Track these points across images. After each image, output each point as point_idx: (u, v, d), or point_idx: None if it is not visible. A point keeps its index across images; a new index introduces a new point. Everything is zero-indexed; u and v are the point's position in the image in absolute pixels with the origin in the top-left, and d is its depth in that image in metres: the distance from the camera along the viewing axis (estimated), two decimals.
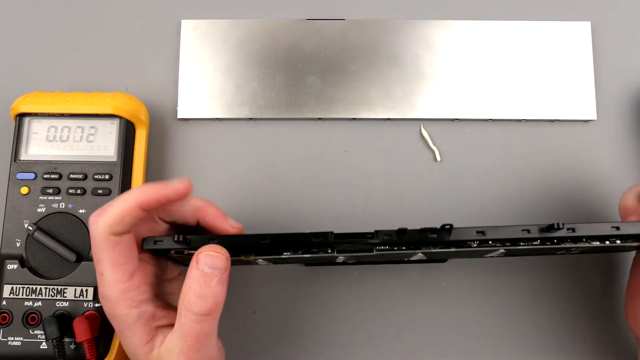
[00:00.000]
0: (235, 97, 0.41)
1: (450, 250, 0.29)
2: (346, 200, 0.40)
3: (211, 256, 0.28)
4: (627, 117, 0.42)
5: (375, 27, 0.42)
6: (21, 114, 0.37)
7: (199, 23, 0.42)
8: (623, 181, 0.40)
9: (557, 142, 0.41)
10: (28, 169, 0.37)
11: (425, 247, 0.29)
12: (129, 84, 0.42)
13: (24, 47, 0.43)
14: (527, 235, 0.28)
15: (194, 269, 0.28)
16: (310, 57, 0.41)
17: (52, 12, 0.43)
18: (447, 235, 0.28)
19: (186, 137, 0.41)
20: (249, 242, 0.29)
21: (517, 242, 0.29)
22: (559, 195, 0.40)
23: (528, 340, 0.38)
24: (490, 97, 0.41)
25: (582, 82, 0.41)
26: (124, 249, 0.29)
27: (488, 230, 0.28)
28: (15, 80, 0.42)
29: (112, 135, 0.37)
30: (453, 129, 0.41)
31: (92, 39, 0.43)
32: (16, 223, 0.36)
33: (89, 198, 0.36)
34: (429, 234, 0.28)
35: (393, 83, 0.41)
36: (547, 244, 0.29)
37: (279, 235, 0.28)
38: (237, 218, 0.40)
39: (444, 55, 0.42)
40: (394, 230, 0.28)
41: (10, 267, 0.35)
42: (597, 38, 0.42)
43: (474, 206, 0.40)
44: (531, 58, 0.42)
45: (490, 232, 0.28)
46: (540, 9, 0.43)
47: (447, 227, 0.28)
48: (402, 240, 0.28)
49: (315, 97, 0.41)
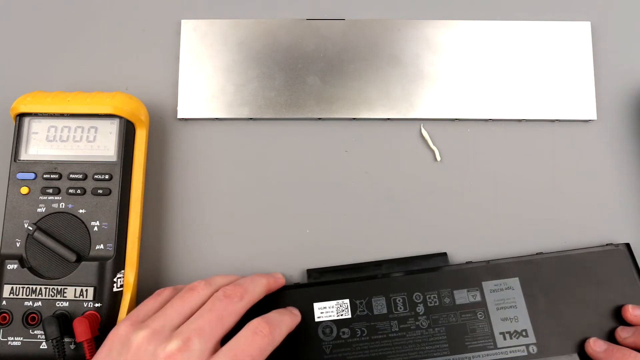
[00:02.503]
0: (235, 97, 0.41)
1: None
2: (346, 201, 0.40)
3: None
4: (627, 117, 0.42)
5: (375, 27, 0.42)
6: (21, 114, 0.37)
7: (199, 23, 0.42)
8: (623, 181, 0.40)
9: (557, 142, 0.41)
10: (28, 169, 0.37)
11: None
12: (129, 84, 0.42)
13: (24, 47, 0.43)
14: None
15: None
16: (310, 57, 0.41)
17: (52, 12, 0.43)
18: None
19: (186, 137, 0.41)
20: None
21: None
22: (558, 195, 0.40)
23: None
24: (490, 97, 0.41)
25: (582, 82, 0.41)
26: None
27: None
28: (15, 80, 0.42)
29: (112, 135, 0.37)
30: (453, 129, 0.41)
31: (92, 39, 0.43)
32: (16, 223, 0.36)
33: (89, 198, 0.36)
34: None
35: (393, 83, 0.41)
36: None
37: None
38: (237, 218, 0.40)
39: (444, 55, 0.42)
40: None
41: (10, 267, 0.35)
42: (597, 38, 0.43)
43: (474, 206, 0.40)
44: (531, 58, 0.42)
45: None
46: (540, 9, 0.43)
47: None
48: None
49: (315, 97, 0.41)
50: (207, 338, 0.29)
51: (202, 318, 0.30)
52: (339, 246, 0.39)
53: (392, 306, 0.36)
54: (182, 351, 0.28)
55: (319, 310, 0.36)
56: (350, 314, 0.36)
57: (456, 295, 0.36)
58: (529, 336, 0.35)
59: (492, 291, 0.36)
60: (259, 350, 0.30)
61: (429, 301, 0.36)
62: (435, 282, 0.37)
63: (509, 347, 0.35)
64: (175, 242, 0.39)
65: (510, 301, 0.36)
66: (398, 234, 0.40)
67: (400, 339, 0.35)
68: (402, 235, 0.39)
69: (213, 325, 0.30)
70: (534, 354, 0.35)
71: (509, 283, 0.36)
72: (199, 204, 0.40)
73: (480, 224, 0.40)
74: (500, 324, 0.35)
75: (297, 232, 0.40)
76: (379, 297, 0.36)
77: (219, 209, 0.40)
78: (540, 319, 0.35)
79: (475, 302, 0.36)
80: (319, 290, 0.37)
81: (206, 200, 0.40)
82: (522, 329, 0.35)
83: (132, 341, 0.29)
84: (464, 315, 0.36)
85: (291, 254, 0.39)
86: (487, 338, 0.35)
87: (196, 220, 0.40)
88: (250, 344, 0.30)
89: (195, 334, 0.29)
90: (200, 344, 0.29)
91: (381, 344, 0.35)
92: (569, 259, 0.37)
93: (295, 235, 0.40)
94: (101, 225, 0.36)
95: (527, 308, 0.36)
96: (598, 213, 0.40)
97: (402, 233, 0.40)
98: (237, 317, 0.32)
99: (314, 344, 0.35)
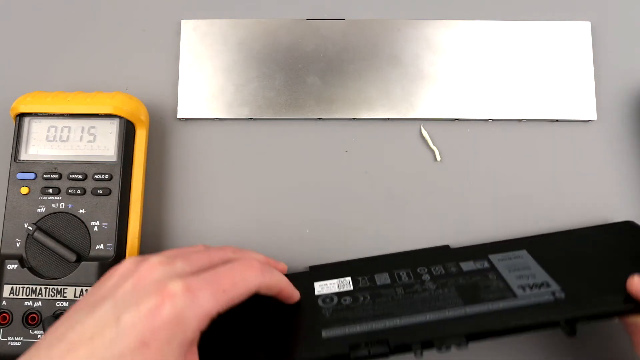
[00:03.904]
0: (235, 97, 0.41)
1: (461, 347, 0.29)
2: (346, 201, 0.40)
3: None
4: (627, 117, 0.42)
5: (375, 27, 0.42)
6: (21, 114, 0.37)
7: (199, 23, 0.42)
8: (623, 181, 0.40)
9: (557, 142, 0.41)
10: (28, 169, 0.37)
11: (438, 349, 0.29)
12: (129, 84, 0.42)
13: (24, 47, 0.43)
14: (541, 326, 0.28)
15: None
16: (310, 57, 0.41)
17: (52, 12, 0.43)
18: (459, 340, 0.28)
19: (186, 137, 0.41)
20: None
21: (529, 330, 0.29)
22: (558, 195, 0.40)
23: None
24: (490, 97, 0.41)
25: (582, 82, 0.41)
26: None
27: (503, 331, 0.28)
28: (15, 80, 0.42)
29: (112, 135, 0.37)
30: (453, 129, 0.41)
31: (92, 39, 0.43)
32: (16, 223, 0.36)
33: (89, 198, 0.36)
34: (445, 341, 0.28)
35: (393, 83, 0.41)
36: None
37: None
38: (237, 219, 0.40)
39: (444, 55, 0.42)
40: (409, 344, 0.28)
41: (10, 267, 0.35)
42: (597, 38, 0.42)
43: (474, 206, 0.40)
44: (531, 58, 0.42)
45: (504, 331, 0.28)
46: (540, 9, 0.43)
47: (462, 340, 0.28)
48: (415, 350, 0.28)
49: (315, 97, 0.41)
50: (213, 294, 0.26)
51: (217, 273, 0.28)
52: (339, 246, 0.39)
53: (395, 278, 0.34)
54: (182, 296, 0.25)
55: (319, 287, 0.34)
56: (352, 286, 0.34)
57: (463, 265, 0.34)
58: (551, 286, 0.31)
59: (501, 260, 0.34)
60: (243, 279, 0.28)
61: (434, 272, 0.34)
62: (440, 258, 0.35)
63: (532, 295, 0.30)
64: (175, 242, 0.39)
65: (522, 264, 0.33)
66: (398, 234, 0.39)
67: (406, 299, 0.32)
68: (402, 235, 0.39)
69: (222, 285, 0.27)
70: (562, 299, 0.30)
71: (517, 254, 0.34)
72: (199, 204, 0.40)
73: (480, 224, 0.40)
74: (516, 280, 0.32)
75: (297, 232, 0.40)
76: (381, 273, 0.35)
77: (219, 209, 0.40)
78: (560, 274, 0.31)
79: (484, 268, 0.33)
80: (319, 274, 0.36)
81: (206, 200, 0.40)
82: (542, 281, 0.31)
83: (141, 266, 0.27)
84: (474, 278, 0.33)
85: (291, 254, 0.39)
86: (505, 291, 0.31)
87: (196, 221, 0.40)
88: (236, 270, 0.28)
89: (203, 284, 0.26)
90: (203, 297, 0.26)
91: (386, 305, 0.32)
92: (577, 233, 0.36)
93: (295, 235, 0.39)
94: (101, 225, 0.36)
95: (542, 268, 0.32)
96: (598, 213, 0.40)
97: (402, 233, 0.40)
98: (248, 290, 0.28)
99: (313, 311, 0.32)
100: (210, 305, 0.26)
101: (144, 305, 0.25)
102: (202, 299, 0.26)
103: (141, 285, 0.26)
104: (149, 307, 0.25)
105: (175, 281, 0.26)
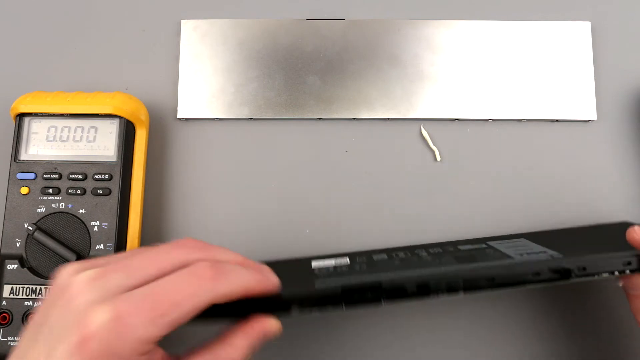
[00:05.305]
0: (235, 97, 0.41)
1: (458, 294, 0.29)
2: (346, 200, 0.40)
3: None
4: (627, 117, 0.42)
5: (375, 27, 0.42)
6: (21, 114, 0.37)
7: (199, 23, 0.42)
8: (623, 181, 0.40)
9: (557, 142, 0.41)
10: (28, 169, 0.37)
11: (435, 294, 0.29)
12: (129, 84, 0.42)
13: (24, 47, 0.43)
14: (538, 277, 0.28)
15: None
16: (310, 57, 0.41)
17: (52, 12, 0.43)
18: (455, 286, 0.28)
19: (186, 137, 0.41)
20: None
21: (525, 283, 0.29)
22: (558, 195, 0.40)
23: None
24: (490, 97, 0.41)
25: (582, 82, 0.41)
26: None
27: (498, 277, 0.28)
28: (15, 80, 0.42)
29: (112, 135, 0.37)
30: (453, 129, 0.41)
31: (92, 39, 0.43)
32: (16, 223, 0.36)
33: (89, 198, 0.36)
34: (441, 282, 0.28)
35: (393, 83, 0.41)
36: (555, 281, 0.29)
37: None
38: (237, 219, 0.40)
39: (444, 55, 0.42)
40: (404, 285, 0.28)
41: (10, 267, 0.35)
42: (597, 38, 0.42)
43: (474, 206, 0.40)
44: (531, 58, 0.42)
45: (500, 278, 0.28)
46: (540, 9, 0.43)
47: (459, 282, 0.28)
48: (411, 295, 0.28)
49: (315, 97, 0.41)
50: (149, 320, 0.23)
51: (154, 292, 0.24)
52: (339, 246, 0.39)
53: (393, 256, 0.33)
54: (109, 328, 0.23)
55: (315, 263, 0.33)
56: (349, 262, 0.33)
57: (461, 247, 0.34)
58: (548, 252, 0.31)
59: (499, 243, 0.34)
60: (189, 296, 0.24)
61: (432, 251, 0.34)
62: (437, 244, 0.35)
63: (529, 256, 0.30)
64: None
65: (521, 244, 0.33)
66: (398, 234, 0.39)
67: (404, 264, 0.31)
68: (402, 235, 0.39)
69: (159, 307, 0.24)
70: (560, 257, 0.29)
71: (515, 240, 0.34)
72: (199, 204, 0.40)
73: (480, 224, 0.40)
74: (514, 250, 0.32)
75: (297, 232, 0.40)
76: (380, 253, 0.34)
77: (219, 209, 0.40)
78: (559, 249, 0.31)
79: (482, 248, 0.33)
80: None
81: (206, 200, 0.40)
82: (540, 250, 0.31)
83: (71, 284, 0.24)
84: (472, 252, 0.33)
85: (291, 254, 0.39)
86: (502, 256, 0.31)
87: (196, 220, 0.40)
88: (179, 284, 0.24)
89: (135, 309, 0.23)
90: (135, 325, 0.23)
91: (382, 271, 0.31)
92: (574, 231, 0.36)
93: (295, 235, 0.39)
94: (101, 225, 0.36)
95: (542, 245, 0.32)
96: (598, 213, 0.40)
97: (402, 233, 0.40)
98: (196, 307, 0.24)
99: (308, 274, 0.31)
100: (147, 333, 0.23)
101: (71, 339, 0.23)
102: (134, 328, 0.23)
103: (68, 312, 0.24)
104: (76, 341, 0.23)
105: (100, 309, 0.23)
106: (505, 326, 0.38)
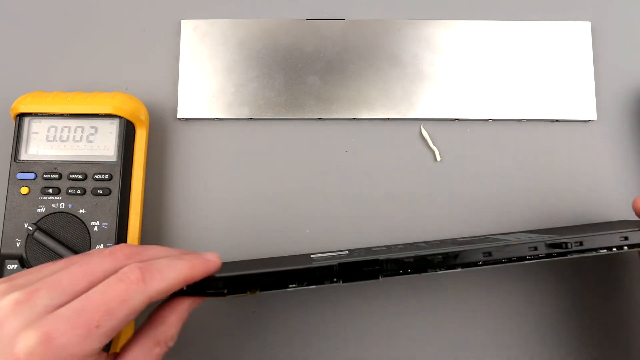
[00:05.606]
0: (235, 97, 0.41)
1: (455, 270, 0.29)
2: (346, 200, 0.40)
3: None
4: (627, 117, 0.42)
5: (375, 27, 0.42)
6: (21, 114, 0.37)
7: (199, 23, 0.42)
8: (623, 181, 0.40)
9: (557, 142, 0.41)
10: (28, 169, 0.37)
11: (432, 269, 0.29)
12: (129, 84, 0.42)
13: (24, 47, 0.43)
14: (534, 252, 0.28)
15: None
16: (310, 57, 0.41)
17: (52, 12, 0.43)
18: (453, 260, 0.28)
19: (186, 137, 0.41)
20: (250, 281, 0.28)
21: (523, 258, 0.29)
22: (558, 195, 0.40)
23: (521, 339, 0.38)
24: (490, 97, 0.41)
25: (582, 82, 0.41)
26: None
27: (494, 251, 0.28)
28: (15, 80, 0.42)
29: (112, 135, 0.37)
30: (453, 129, 0.41)
31: (92, 39, 0.43)
32: (16, 223, 0.36)
33: (89, 198, 0.36)
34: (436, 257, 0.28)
35: (393, 83, 0.41)
36: (553, 256, 0.29)
37: (282, 272, 0.28)
38: (237, 219, 0.40)
39: (444, 55, 0.42)
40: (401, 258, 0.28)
41: (10, 267, 0.35)
42: (597, 38, 0.43)
43: (474, 206, 0.40)
44: (531, 58, 0.42)
45: (496, 252, 0.28)
46: (540, 9, 0.43)
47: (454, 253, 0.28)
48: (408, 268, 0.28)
49: (315, 97, 0.41)
50: (84, 334, 0.23)
51: (84, 305, 0.23)
52: (339, 246, 0.39)
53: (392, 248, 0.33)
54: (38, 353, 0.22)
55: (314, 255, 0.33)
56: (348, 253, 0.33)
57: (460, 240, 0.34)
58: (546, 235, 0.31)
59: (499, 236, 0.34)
60: (120, 302, 0.24)
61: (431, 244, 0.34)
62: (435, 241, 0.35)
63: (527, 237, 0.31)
64: (175, 242, 0.39)
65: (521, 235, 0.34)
66: (398, 233, 0.40)
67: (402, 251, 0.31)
68: (402, 235, 0.39)
69: (92, 319, 0.23)
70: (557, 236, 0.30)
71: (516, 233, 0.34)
72: (199, 204, 0.40)
73: (480, 224, 0.40)
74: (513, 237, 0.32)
75: (297, 232, 0.40)
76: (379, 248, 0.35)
77: (219, 209, 0.40)
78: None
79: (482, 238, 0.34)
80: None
81: (206, 200, 0.40)
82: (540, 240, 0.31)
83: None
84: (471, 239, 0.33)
85: (291, 254, 0.39)
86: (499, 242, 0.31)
87: (196, 220, 0.40)
88: (108, 292, 0.24)
89: (65, 327, 0.22)
90: (68, 343, 0.22)
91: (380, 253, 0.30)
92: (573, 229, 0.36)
93: (295, 235, 0.40)
94: (101, 225, 0.36)
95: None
96: (598, 213, 0.40)
97: (402, 233, 0.40)
98: (132, 311, 0.24)
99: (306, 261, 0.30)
100: (84, 348, 0.23)
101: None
102: (68, 346, 0.22)
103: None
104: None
105: (27, 334, 0.22)
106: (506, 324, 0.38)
